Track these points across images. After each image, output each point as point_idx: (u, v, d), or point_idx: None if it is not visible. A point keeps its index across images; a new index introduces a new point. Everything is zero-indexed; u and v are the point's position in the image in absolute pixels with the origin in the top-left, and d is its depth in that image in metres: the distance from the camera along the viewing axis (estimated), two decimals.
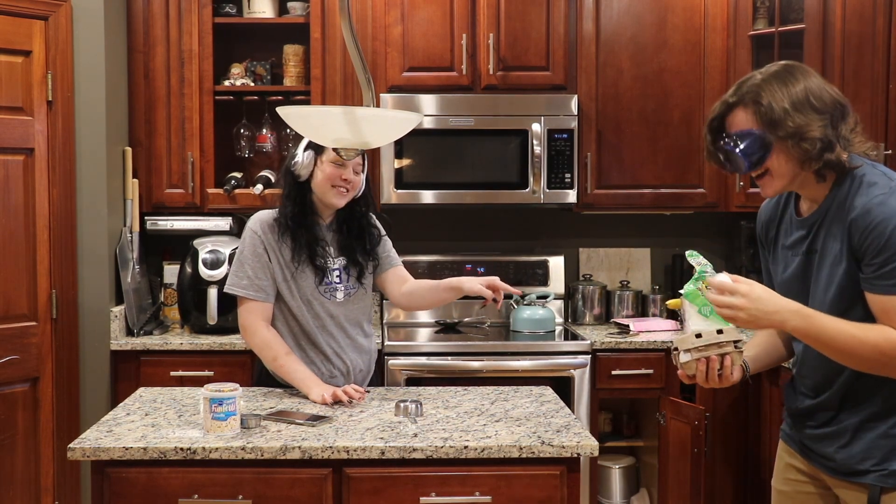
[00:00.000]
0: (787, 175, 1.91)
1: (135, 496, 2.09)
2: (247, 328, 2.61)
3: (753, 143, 1.89)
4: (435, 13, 3.83)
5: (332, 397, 2.46)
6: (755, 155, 1.89)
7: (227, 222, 3.91)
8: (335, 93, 3.86)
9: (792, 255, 2.00)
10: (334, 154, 2.55)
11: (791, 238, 2.01)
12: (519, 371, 3.55)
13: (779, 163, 1.89)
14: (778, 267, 2.06)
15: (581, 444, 2.14)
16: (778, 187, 1.94)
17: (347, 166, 2.59)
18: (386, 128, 2.10)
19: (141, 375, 3.56)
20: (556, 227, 4.29)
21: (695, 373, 1.94)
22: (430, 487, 2.11)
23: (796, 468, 2.09)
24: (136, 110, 3.86)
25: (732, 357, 1.92)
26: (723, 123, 1.97)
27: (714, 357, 1.92)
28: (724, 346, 1.92)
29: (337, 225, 2.70)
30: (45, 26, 3.47)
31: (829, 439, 1.97)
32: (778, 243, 2.07)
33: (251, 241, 2.62)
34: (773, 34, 3.71)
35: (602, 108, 3.89)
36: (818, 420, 2.00)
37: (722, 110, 1.96)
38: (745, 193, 3.81)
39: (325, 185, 2.59)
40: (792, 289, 1.97)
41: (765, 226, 2.14)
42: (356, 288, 2.70)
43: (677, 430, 3.44)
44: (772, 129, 1.86)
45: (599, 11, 3.87)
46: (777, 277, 2.06)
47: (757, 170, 1.92)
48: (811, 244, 1.95)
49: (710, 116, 2.00)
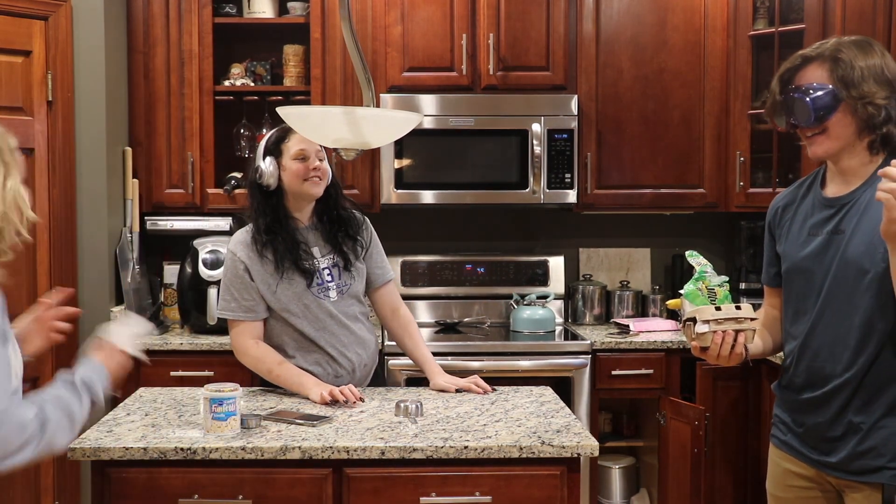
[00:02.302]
0: (843, 138, 1.93)
1: (135, 496, 2.09)
2: (238, 349, 2.65)
3: (825, 96, 1.90)
4: (435, 13, 3.83)
5: (331, 396, 2.46)
6: (824, 108, 1.91)
7: (227, 222, 3.91)
8: (335, 93, 3.86)
9: (810, 236, 2.00)
10: (294, 150, 2.59)
11: (814, 219, 2.01)
12: (519, 371, 3.55)
13: (841, 124, 1.91)
14: (791, 248, 2.05)
15: (581, 444, 2.13)
16: (830, 149, 1.95)
17: (310, 156, 2.59)
18: (386, 128, 2.10)
19: (141, 375, 3.55)
20: (556, 227, 4.29)
21: (709, 345, 1.97)
22: (430, 487, 2.11)
23: (796, 473, 2.05)
24: (136, 110, 3.86)
25: (747, 334, 1.97)
26: (793, 77, 1.98)
27: (730, 331, 1.95)
28: (741, 321, 1.96)
29: (316, 221, 2.69)
30: (45, 26, 3.47)
31: (837, 435, 1.92)
32: (794, 225, 2.07)
33: (231, 263, 2.64)
34: (773, 34, 3.71)
35: (602, 108, 3.89)
36: (825, 415, 1.95)
37: (798, 63, 1.98)
38: (745, 193, 3.81)
39: (296, 182, 2.59)
40: (807, 268, 1.98)
41: (781, 210, 2.14)
42: (348, 283, 2.69)
43: (677, 430, 3.44)
44: (845, 87, 1.90)
45: (599, 11, 3.87)
46: (789, 259, 2.05)
47: (818, 126, 1.93)
48: (838, 225, 1.95)
49: (784, 68, 2.01)
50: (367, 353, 2.74)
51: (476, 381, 2.68)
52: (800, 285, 2.02)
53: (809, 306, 1.98)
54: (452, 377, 2.72)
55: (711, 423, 3.49)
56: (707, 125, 3.91)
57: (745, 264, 4.06)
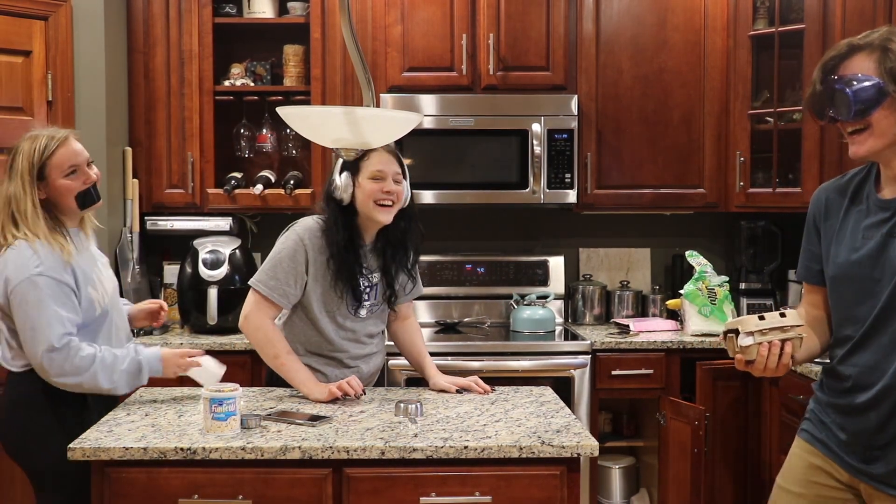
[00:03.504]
0: (888, 136, 1.79)
1: (135, 496, 2.09)
2: (252, 320, 2.57)
3: (869, 88, 1.76)
4: (435, 13, 3.83)
5: (331, 396, 2.46)
6: (866, 102, 1.77)
7: (227, 222, 3.91)
8: (335, 93, 3.86)
9: (865, 238, 1.88)
10: (372, 169, 2.54)
11: (867, 221, 1.89)
12: (519, 371, 3.55)
13: (886, 120, 1.78)
14: (842, 248, 1.92)
15: (581, 444, 2.13)
16: (873, 147, 1.82)
17: (387, 178, 2.55)
18: (386, 128, 2.10)
19: None
20: (556, 227, 4.29)
21: (755, 358, 1.85)
22: (430, 487, 2.11)
23: (825, 472, 1.96)
24: (136, 110, 3.86)
25: (794, 343, 1.85)
26: (838, 66, 1.83)
27: (777, 342, 1.84)
28: (787, 330, 1.85)
29: (377, 243, 2.66)
30: (45, 26, 3.47)
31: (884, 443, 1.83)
32: (847, 223, 1.93)
33: (294, 246, 2.57)
34: (773, 34, 3.71)
35: (602, 108, 3.89)
36: (872, 420, 1.84)
37: (843, 51, 1.83)
38: (745, 193, 3.81)
39: (368, 204, 2.55)
40: (861, 270, 1.87)
41: (828, 205, 1.99)
42: (380, 306, 2.71)
43: (677, 430, 3.44)
44: (893, 81, 1.76)
45: (599, 12, 3.87)
46: (839, 258, 1.93)
47: (861, 120, 1.80)
48: (894, 227, 1.83)
49: (829, 55, 1.86)
50: (375, 363, 2.79)
51: (476, 381, 2.69)
52: (852, 290, 1.90)
53: (863, 312, 1.86)
54: (452, 377, 2.72)
55: (711, 423, 3.49)
56: (707, 125, 3.91)
57: (745, 264, 4.06)
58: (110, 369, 2.37)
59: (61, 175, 2.42)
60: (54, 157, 2.42)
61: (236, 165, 4.05)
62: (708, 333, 3.62)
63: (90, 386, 2.36)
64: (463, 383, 2.67)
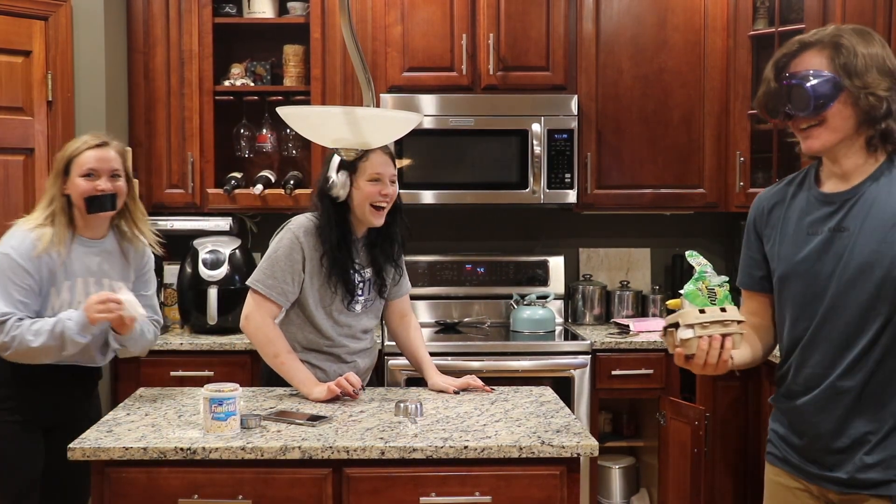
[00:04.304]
0: (841, 130, 1.80)
1: (135, 496, 2.09)
2: (252, 320, 2.59)
3: (826, 83, 1.77)
4: (435, 13, 3.83)
5: (330, 394, 2.47)
6: (825, 96, 1.77)
7: (227, 222, 3.91)
8: (335, 93, 3.86)
9: (810, 234, 1.86)
10: (370, 172, 2.58)
11: (812, 216, 1.87)
12: (519, 371, 3.55)
13: (840, 115, 1.79)
14: (788, 248, 1.90)
15: (581, 444, 2.13)
16: (827, 142, 1.81)
17: (384, 181, 2.60)
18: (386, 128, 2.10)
19: (141, 375, 3.56)
20: (556, 227, 4.29)
21: (694, 352, 1.80)
22: (430, 487, 2.11)
23: (795, 490, 1.92)
24: (136, 110, 3.86)
25: (734, 338, 1.80)
26: (789, 63, 1.84)
27: (717, 336, 1.79)
28: (728, 324, 1.80)
29: (368, 239, 2.70)
30: (45, 26, 3.47)
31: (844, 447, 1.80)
32: (787, 224, 1.92)
33: (290, 245, 2.59)
34: (773, 34, 3.71)
35: (602, 108, 3.89)
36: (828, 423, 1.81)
37: (794, 49, 1.84)
38: (745, 193, 3.81)
39: (364, 205, 2.60)
40: (808, 266, 1.84)
41: (768, 210, 1.99)
42: (374, 300, 2.74)
43: (677, 430, 3.44)
44: (847, 75, 1.77)
45: (599, 11, 3.87)
46: (786, 261, 1.90)
47: (818, 115, 1.79)
48: (841, 221, 1.82)
49: (780, 53, 1.86)
50: (373, 359, 2.82)
51: (473, 378, 2.70)
52: (800, 288, 1.87)
53: (813, 309, 1.84)
54: (450, 378, 2.72)
55: (711, 423, 3.49)
56: (707, 125, 3.91)
57: None
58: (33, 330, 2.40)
59: (79, 174, 2.50)
60: (80, 157, 2.51)
61: (236, 165, 4.05)
62: None
63: (22, 350, 2.40)
64: (461, 383, 2.68)
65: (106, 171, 2.52)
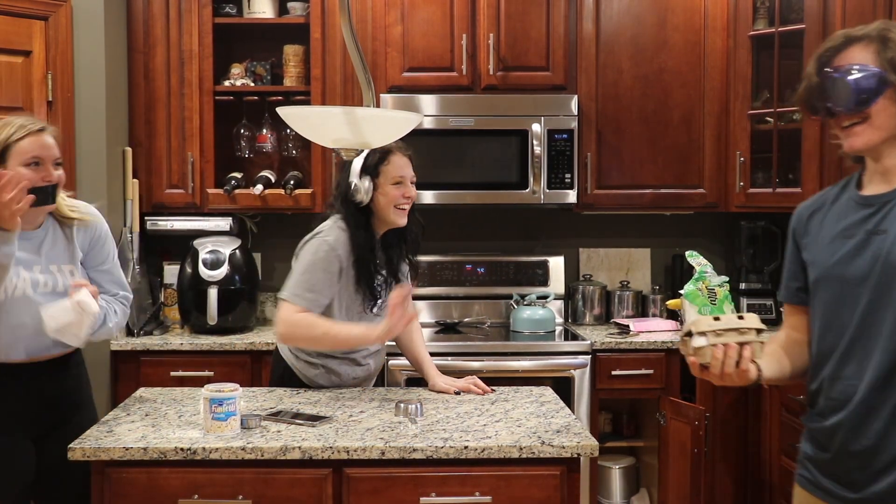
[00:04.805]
0: (886, 128, 1.72)
1: (135, 496, 2.09)
2: (287, 325, 2.54)
3: (870, 78, 1.70)
4: (435, 13, 3.83)
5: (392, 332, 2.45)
6: (868, 91, 1.69)
7: (227, 222, 3.91)
8: (335, 93, 3.86)
9: (846, 237, 1.76)
10: (394, 175, 2.61)
11: (849, 219, 1.78)
12: (519, 371, 3.55)
13: (885, 112, 1.71)
14: (821, 253, 1.81)
15: (581, 445, 2.13)
16: (871, 140, 1.73)
17: (406, 183, 2.62)
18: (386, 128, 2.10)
19: (141, 376, 3.56)
20: (556, 227, 4.28)
21: (709, 361, 1.71)
22: (430, 487, 2.11)
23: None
24: (136, 110, 3.86)
25: (753, 347, 1.70)
26: (833, 58, 1.76)
27: (733, 344, 1.69)
28: (745, 332, 1.70)
29: (385, 240, 2.72)
30: (45, 26, 3.47)
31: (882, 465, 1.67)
32: (824, 228, 1.83)
33: (328, 257, 2.57)
34: (773, 34, 3.71)
35: (602, 108, 3.89)
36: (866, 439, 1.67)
37: (839, 42, 1.76)
38: (745, 193, 3.81)
39: (388, 208, 2.62)
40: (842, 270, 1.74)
41: (806, 217, 1.89)
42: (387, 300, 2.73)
43: (677, 430, 3.44)
44: (893, 70, 1.69)
45: (599, 11, 3.87)
46: (819, 266, 1.81)
47: (861, 111, 1.71)
48: (879, 224, 1.72)
49: (824, 47, 1.79)
50: (381, 361, 2.84)
51: (475, 382, 2.69)
52: (832, 294, 1.76)
53: (846, 317, 1.73)
54: (450, 378, 2.72)
55: (711, 423, 3.49)
56: (707, 125, 3.91)
57: (745, 264, 4.06)
58: None
59: (21, 163, 2.31)
60: (20, 144, 2.32)
61: (236, 165, 4.05)
62: None
63: None
64: (461, 385, 2.68)
65: (50, 159, 2.36)
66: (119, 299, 2.55)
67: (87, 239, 2.50)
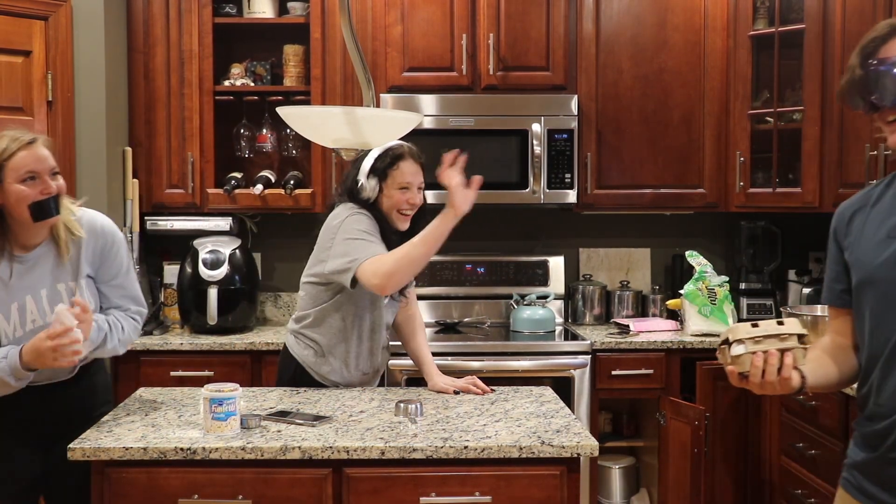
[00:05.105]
0: None
1: (135, 496, 2.09)
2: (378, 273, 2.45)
3: None
4: (435, 13, 3.83)
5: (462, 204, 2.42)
6: None
7: (227, 222, 3.91)
8: (335, 93, 3.86)
9: (890, 238, 1.70)
10: (401, 181, 2.61)
11: (892, 220, 1.71)
12: (519, 371, 3.55)
13: None
14: (865, 253, 1.75)
15: (581, 445, 2.13)
16: None
17: (413, 189, 2.63)
18: (386, 128, 2.10)
19: (141, 376, 3.56)
20: (556, 227, 4.28)
21: (748, 370, 1.64)
22: (430, 487, 2.11)
23: None
24: (136, 110, 3.86)
25: (795, 354, 1.63)
26: (879, 48, 1.68)
27: (773, 351, 1.62)
28: (785, 339, 1.63)
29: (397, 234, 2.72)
30: (45, 26, 3.47)
31: None
32: (867, 228, 1.76)
33: (360, 218, 2.56)
34: (773, 34, 3.71)
35: (602, 108, 3.89)
36: None
37: (884, 33, 1.68)
38: (746, 193, 3.81)
39: (390, 212, 2.64)
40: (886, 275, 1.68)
41: (848, 217, 1.82)
42: (398, 296, 2.77)
43: (677, 430, 3.44)
44: None
45: (599, 11, 3.87)
46: (863, 267, 1.75)
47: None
48: None
49: (868, 37, 1.71)
50: (386, 357, 2.85)
51: (474, 382, 2.69)
52: (878, 296, 1.70)
53: (893, 320, 1.67)
54: (450, 378, 2.72)
55: (711, 423, 3.49)
56: (707, 125, 3.91)
57: (745, 264, 4.06)
58: None
59: (17, 179, 2.21)
60: (13, 160, 2.20)
61: (236, 165, 4.05)
62: (708, 333, 3.62)
63: None
64: (461, 385, 2.68)
65: (46, 171, 2.24)
66: (131, 314, 2.44)
67: (96, 251, 2.39)
